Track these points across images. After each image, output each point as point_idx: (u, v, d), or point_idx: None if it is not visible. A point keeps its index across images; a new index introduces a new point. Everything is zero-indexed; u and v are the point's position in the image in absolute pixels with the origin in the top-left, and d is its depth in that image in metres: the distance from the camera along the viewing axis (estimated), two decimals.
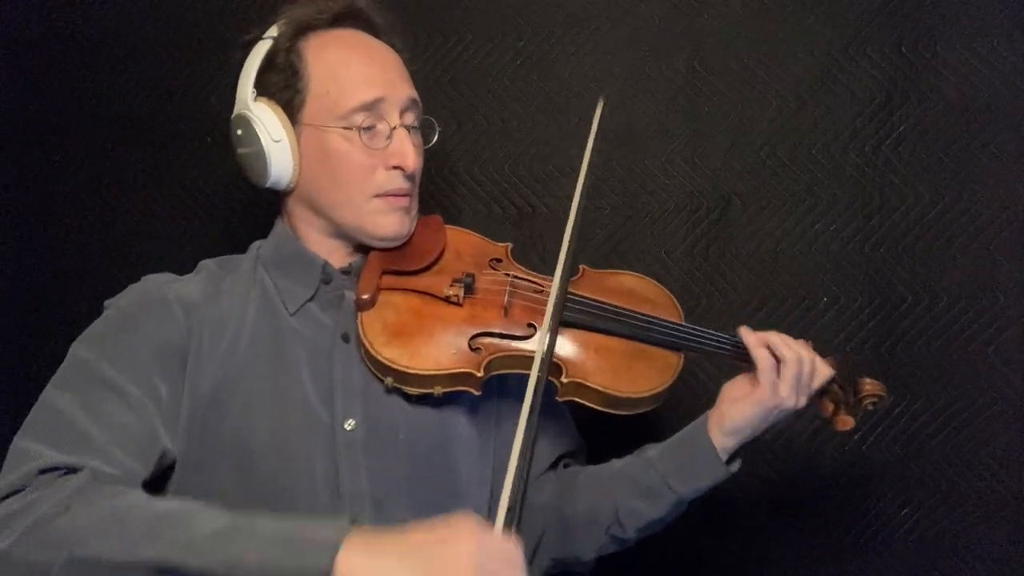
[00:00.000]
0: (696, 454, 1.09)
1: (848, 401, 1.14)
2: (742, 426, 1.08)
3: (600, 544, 1.15)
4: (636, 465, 1.13)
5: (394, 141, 1.10)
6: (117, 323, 1.06)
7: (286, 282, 1.12)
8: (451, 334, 1.08)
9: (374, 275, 1.11)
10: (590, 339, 1.12)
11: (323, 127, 1.09)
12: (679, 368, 1.13)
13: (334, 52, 1.11)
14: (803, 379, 1.08)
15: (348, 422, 1.05)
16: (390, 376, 1.05)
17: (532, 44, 1.49)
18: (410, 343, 1.07)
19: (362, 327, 1.07)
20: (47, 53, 1.66)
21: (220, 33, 1.57)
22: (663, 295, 1.22)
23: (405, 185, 1.12)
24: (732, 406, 1.08)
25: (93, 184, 1.65)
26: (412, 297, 1.11)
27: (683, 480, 1.09)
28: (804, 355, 1.08)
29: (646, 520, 1.12)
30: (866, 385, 1.15)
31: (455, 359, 1.06)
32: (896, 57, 1.39)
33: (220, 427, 1.03)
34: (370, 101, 1.09)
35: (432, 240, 1.17)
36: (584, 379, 1.08)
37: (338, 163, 1.09)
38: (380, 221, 1.12)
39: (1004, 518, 1.38)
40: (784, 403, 1.07)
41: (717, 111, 1.45)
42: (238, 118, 1.13)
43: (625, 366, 1.11)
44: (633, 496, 1.11)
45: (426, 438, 1.09)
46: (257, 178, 1.13)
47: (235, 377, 1.05)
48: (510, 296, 1.13)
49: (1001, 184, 1.37)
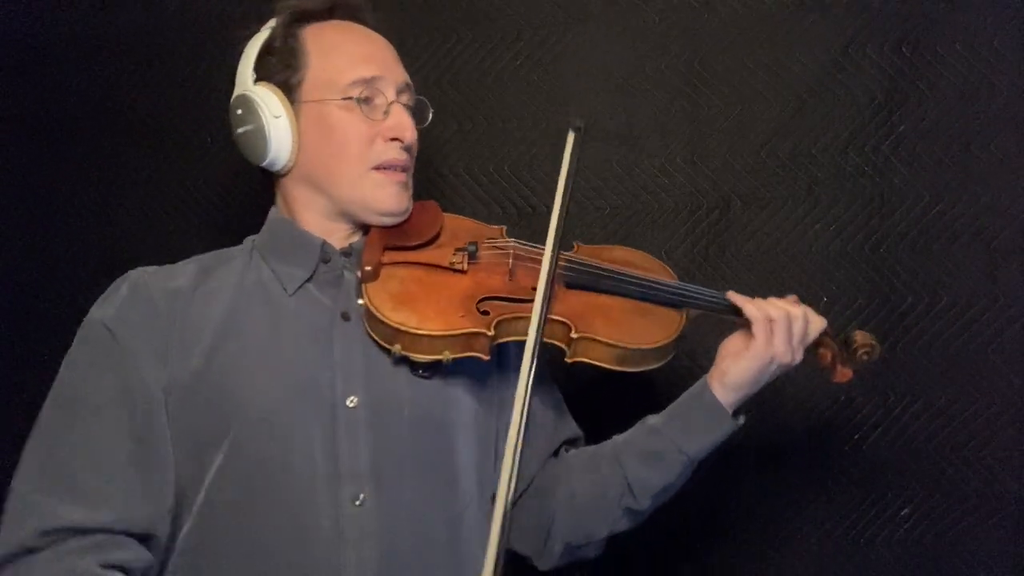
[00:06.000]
0: (702, 410, 1.11)
1: (843, 355, 1.17)
2: (742, 381, 1.09)
3: (613, 519, 1.15)
4: (641, 433, 1.15)
5: (391, 114, 1.13)
6: (99, 343, 1.05)
7: (283, 266, 1.13)
8: (458, 299, 1.09)
9: (376, 250, 1.12)
10: (593, 299, 1.14)
11: (322, 100, 1.11)
12: (682, 323, 1.15)
13: (331, 35, 1.15)
14: (796, 332, 1.10)
15: (350, 399, 1.06)
16: (398, 343, 1.05)
17: (532, 44, 1.49)
18: (418, 307, 1.07)
19: (368, 297, 1.07)
20: (47, 54, 1.66)
21: (221, 34, 1.57)
22: (656, 263, 1.24)
23: (402, 157, 1.14)
24: (732, 362, 1.10)
25: (93, 184, 1.65)
26: (416, 269, 1.12)
27: (691, 439, 1.10)
28: (793, 310, 1.10)
29: (658, 486, 1.12)
30: (857, 336, 1.16)
31: (464, 320, 1.07)
32: (896, 57, 1.39)
33: (216, 410, 1.03)
34: (368, 77, 1.12)
35: (430, 219, 1.19)
36: (593, 334, 1.09)
37: (338, 133, 1.11)
38: (379, 194, 1.13)
39: (1004, 518, 1.38)
40: (780, 357, 1.09)
41: (717, 111, 1.45)
42: (238, 99, 1.15)
43: (630, 322, 1.13)
44: (642, 464, 1.12)
45: (430, 416, 1.10)
46: (257, 156, 1.14)
47: (226, 361, 1.05)
48: (514, 262, 1.15)
49: (1001, 184, 1.37)
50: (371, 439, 1.05)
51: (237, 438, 1.02)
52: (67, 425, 1.02)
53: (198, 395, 1.04)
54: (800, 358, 1.11)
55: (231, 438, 1.02)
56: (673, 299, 1.16)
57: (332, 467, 1.03)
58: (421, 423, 1.08)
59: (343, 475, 1.03)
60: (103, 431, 1.01)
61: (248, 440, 1.02)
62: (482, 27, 1.51)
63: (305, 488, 1.02)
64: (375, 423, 1.06)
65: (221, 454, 1.02)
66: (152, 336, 1.05)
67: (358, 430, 1.05)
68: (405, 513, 1.05)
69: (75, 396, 1.03)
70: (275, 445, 1.03)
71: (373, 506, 1.03)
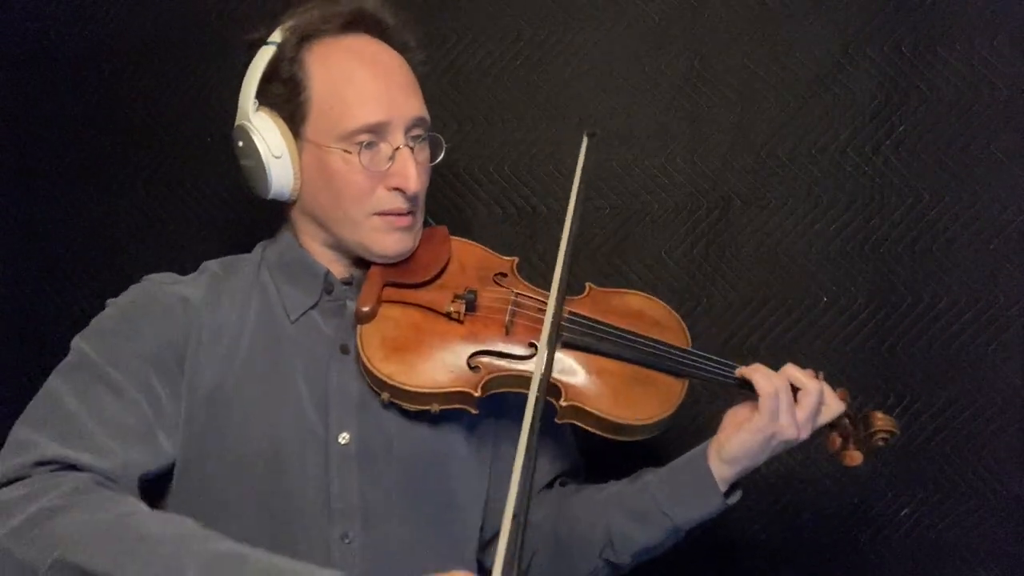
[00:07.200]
0: (693, 482, 1.06)
1: (858, 436, 1.10)
2: (740, 454, 1.04)
3: (593, 567, 1.12)
4: (632, 489, 1.11)
5: (396, 162, 1.07)
6: (118, 323, 1.06)
7: (289, 288, 1.12)
8: (450, 351, 1.07)
9: (375, 287, 1.09)
10: (591, 362, 1.10)
11: (323, 146, 1.07)
12: (682, 396, 1.10)
13: (338, 65, 1.08)
14: (807, 407, 1.04)
15: (342, 435, 1.05)
16: (387, 392, 1.05)
17: (532, 44, 1.49)
18: (408, 359, 1.05)
19: (360, 341, 1.06)
20: (47, 55, 1.65)
21: (221, 34, 1.57)
22: (671, 317, 1.19)
23: (405, 206, 1.10)
24: (732, 433, 1.05)
25: (93, 184, 1.65)
26: (413, 311, 1.10)
27: (678, 508, 1.07)
28: (810, 385, 1.05)
29: (640, 546, 1.09)
30: (878, 420, 1.09)
31: (452, 378, 1.05)
32: (896, 57, 1.39)
33: (216, 433, 1.03)
34: (373, 123, 1.06)
35: (436, 253, 1.16)
36: (583, 403, 1.06)
37: (337, 182, 1.08)
38: (380, 239, 1.10)
39: (1004, 518, 1.38)
40: (783, 432, 1.03)
41: (717, 111, 1.44)
42: (239, 129, 1.11)
43: (626, 391, 1.08)
44: (627, 520, 1.09)
45: (421, 454, 1.08)
46: (258, 191, 1.12)
47: (232, 383, 1.05)
48: (512, 314, 1.11)
49: (1001, 184, 1.37)
50: (361, 476, 1.04)
51: (234, 469, 1.02)
52: (83, 383, 1.00)
53: (199, 419, 1.03)
54: (807, 436, 1.05)
55: (228, 468, 1.02)
56: (677, 368, 1.11)
57: (324, 503, 1.02)
58: (412, 462, 1.07)
59: (333, 512, 1.02)
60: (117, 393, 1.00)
61: (245, 471, 1.02)
62: (482, 27, 1.50)
63: (296, 524, 1.01)
64: (366, 460, 1.05)
65: (217, 482, 1.02)
66: (170, 333, 1.05)
67: (350, 467, 1.04)
68: (393, 550, 1.04)
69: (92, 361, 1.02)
70: (271, 478, 1.02)
71: (361, 544, 1.02)
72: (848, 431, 1.10)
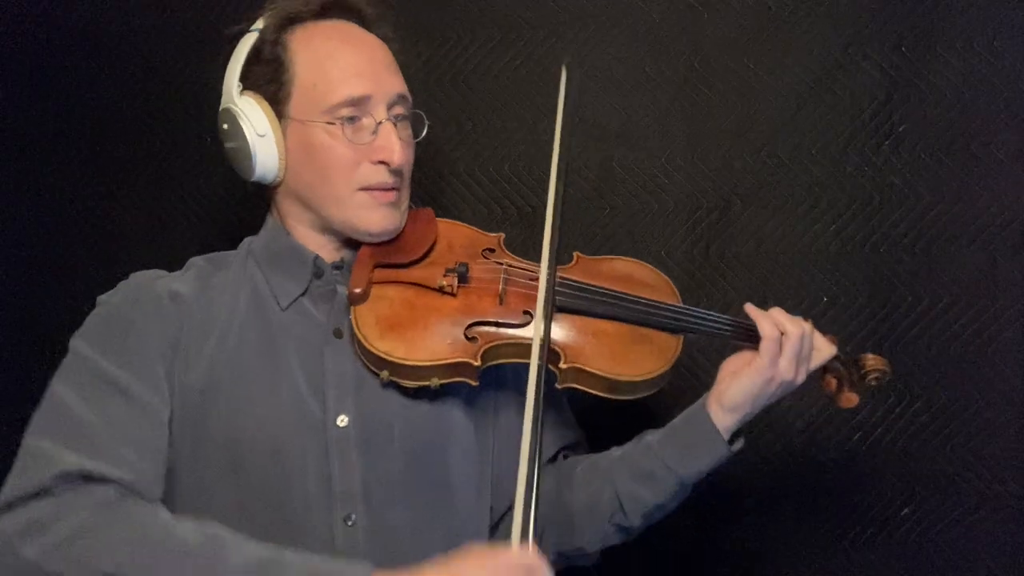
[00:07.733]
0: (696, 434, 1.08)
1: (852, 378, 1.15)
2: (741, 400, 1.07)
3: (604, 534, 1.14)
4: (636, 451, 1.13)
5: (379, 136, 1.09)
6: (114, 320, 1.06)
7: (278, 277, 1.12)
8: (446, 324, 1.08)
9: (366, 269, 1.10)
10: (587, 324, 1.11)
11: (307, 121, 1.08)
12: (678, 351, 1.12)
13: (321, 44, 1.10)
14: (803, 352, 1.08)
15: (340, 418, 1.05)
16: (386, 369, 1.05)
17: (532, 44, 1.49)
18: (405, 335, 1.06)
19: (356, 321, 1.06)
20: (46, 53, 1.66)
21: (220, 32, 1.56)
22: (659, 278, 1.21)
23: (390, 179, 1.10)
24: (731, 381, 1.08)
25: (93, 184, 1.65)
26: (405, 289, 1.10)
27: (684, 462, 1.08)
28: (806, 329, 1.08)
29: (649, 506, 1.11)
30: (868, 360, 1.14)
31: (451, 349, 1.06)
32: (896, 57, 1.39)
33: (210, 424, 1.03)
34: (356, 96, 1.08)
35: (423, 232, 1.17)
36: (583, 364, 1.07)
37: (321, 157, 1.09)
38: (366, 216, 1.11)
39: (1004, 518, 1.38)
40: (783, 375, 1.06)
41: (717, 111, 1.44)
42: (224, 112, 1.13)
43: (623, 350, 1.10)
44: (634, 482, 1.10)
45: (421, 434, 1.09)
46: (244, 172, 1.13)
47: (227, 375, 1.05)
48: (505, 284, 1.12)
49: (1001, 184, 1.37)
50: (362, 459, 1.04)
51: (231, 460, 1.02)
52: (85, 388, 1.00)
53: (193, 414, 1.03)
54: (803, 378, 1.09)
55: (225, 459, 1.02)
56: (671, 324, 1.13)
57: (325, 488, 1.03)
58: (412, 442, 1.07)
59: (336, 495, 1.02)
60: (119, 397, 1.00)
61: (243, 461, 1.02)
62: (482, 27, 1.50)
63: (299, 508, 1.02)
64: (365, 443, 1.05)
65: (214, 474, 1.02)
66: (165, 327, 1.05)
67: (349, 450, 1.04)
68: (397, 532, 1.04)
69: (94, 366, 1.02)
70: (271, 466, 1.02)
71: (364, 526, 1.03)
72: (841, 374, 1.15)
